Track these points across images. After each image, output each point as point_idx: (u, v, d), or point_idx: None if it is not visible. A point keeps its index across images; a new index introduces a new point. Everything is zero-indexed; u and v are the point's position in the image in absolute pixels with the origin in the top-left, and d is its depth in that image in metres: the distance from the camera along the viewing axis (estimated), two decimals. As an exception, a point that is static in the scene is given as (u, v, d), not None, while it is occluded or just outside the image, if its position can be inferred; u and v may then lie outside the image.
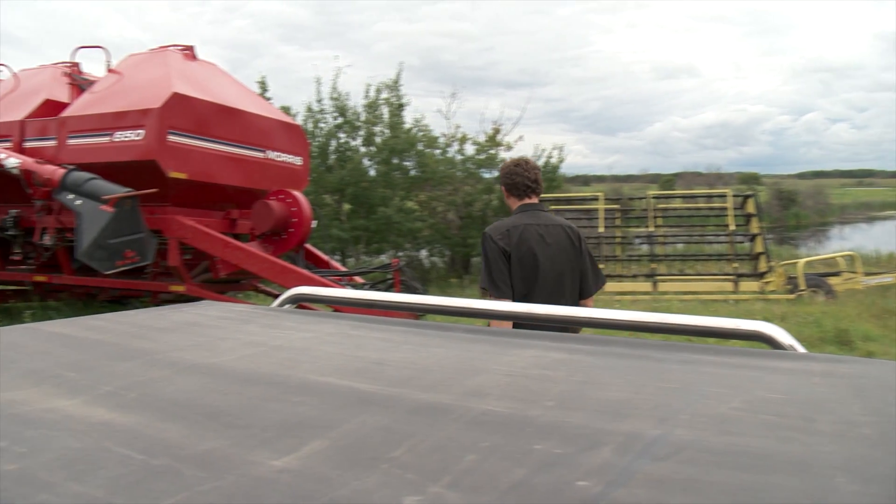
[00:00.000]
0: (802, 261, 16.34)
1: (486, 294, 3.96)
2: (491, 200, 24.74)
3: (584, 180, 66.69)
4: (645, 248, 20.09)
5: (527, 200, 4.22)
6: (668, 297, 15.58)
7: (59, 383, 1.11)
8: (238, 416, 0.94)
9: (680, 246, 21.53)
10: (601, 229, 18.90)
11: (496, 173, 24.65)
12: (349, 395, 1.06)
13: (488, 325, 2.97)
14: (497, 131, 24.96)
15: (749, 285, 16.41)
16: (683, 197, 23.44)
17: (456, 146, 25.20)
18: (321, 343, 1.47)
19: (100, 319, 1.72)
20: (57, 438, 0.85)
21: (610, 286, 17.29)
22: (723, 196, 19.72)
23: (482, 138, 24.99)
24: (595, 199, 20.43)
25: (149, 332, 1.56)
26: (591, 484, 0.72)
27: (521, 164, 4.27)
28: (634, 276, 18.18)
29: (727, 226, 18.14)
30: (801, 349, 1.55)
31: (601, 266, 17.16)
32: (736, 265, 17.15)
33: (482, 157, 24.50)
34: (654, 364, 1.31)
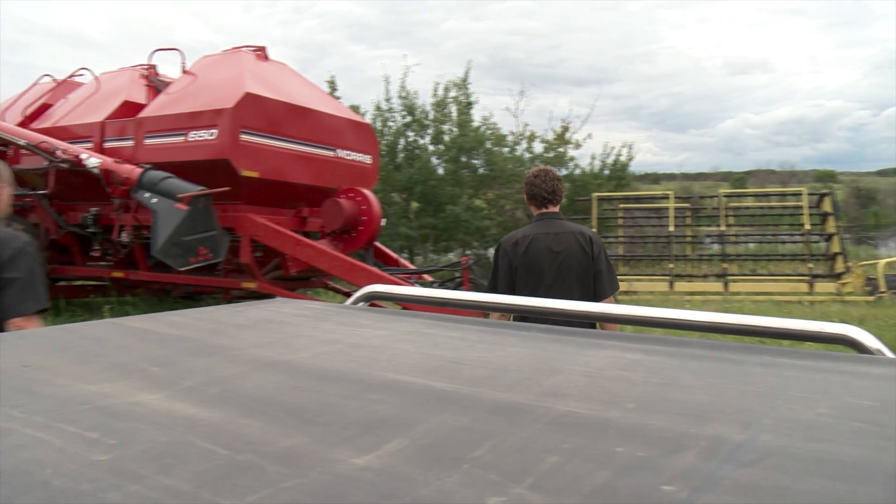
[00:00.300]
0: (883, 261, 15.89)
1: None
2: (559, 199, 24.59)
3: (654, 178, 65.77)
4: (716, 248, 19.79)
5: (544, 210, 4.60)
6: (739, 297, 15.28)
7: (144, 377, 1.13)
8: (318, 413, 0.95)
9: (752, 245, 21.09)
10: (671, 228, 18.62)
11: (565, 171, 24.50)
12: (427, 393, 1.06)
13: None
14: (566, 129, 24.83)
15: (825, 286, 16.00)
16: (756, 195, 22.94)
17: (524, 144, 25.15)
18: (396, 341, 1.47)
19: (179, 315, 1.75)
20: (144, 431, 0.86)
21: (679, 286, 17.06)
22: (797, 194, 19.27)
23: (550, 136, 24.88)
24: (665, 197, 20.12)
25: (226, 329, 1.59)
26: (676, 489, 0.71)
27: (540, 176, 4.63)
28: (705, 276, 17.90)
29: (802, 225, 17.72)
30: (889, 354, 1.50)
31: (670, 265, 16.86)
32: (811, 266, 16.74)
33: (550, 155, 24.38)
34: (734, 367, 1.28)
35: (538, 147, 24.77)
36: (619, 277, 17.61)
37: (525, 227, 4.64)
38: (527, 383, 1.13)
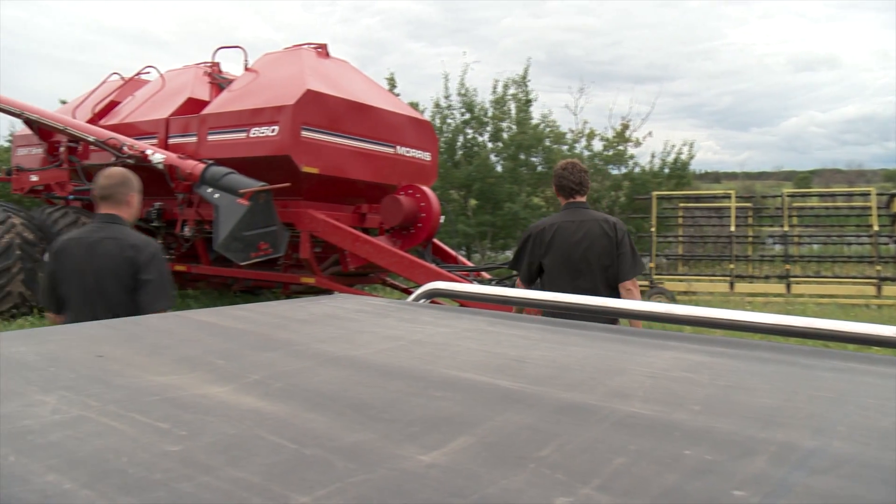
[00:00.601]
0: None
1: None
2: (618, 197, 24.38)
3: (715, 177, 64.71)
4: (778, 249, 19.43)
5: (571, 199, 4.99)
6: (802, 300, 14.98)
7: (210, 370, 1.15)
8: (383, 409, 0.95)
9: (816, 247, 20.68)
10: (732, 228, 18.31)
11: (625, 170, 24.27)
12: (491, 391, 1.05)
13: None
14: (625, 127, 24.60)
15: (894, 290, 15.57)
16: (821, 195, 22.47)
17: (583, 142, 24.99)
18: (459, 339, 1.47)
19: (243, 310, 1.77)
20: (212, 424, 0.88)
21: (740, 287, 16.79)
22: (866, 194, 18.79)
23: (610, 134, 24.68)
24: (726, 196, 19.78)
25: (290, 324, 1.60)
26: (748, 494, 0.70)
27: (568, 168, 5.02)
28: (766, 278, 17.59)
29: (870, 226, 17.27)
30: None
31: (730, 266, 16.56)
32: (879, 268, 16.31)
33: (610, 153, 24.19)
34: (803, 371, 1.26)
35: (597, 145, 24.62)
36: (677, 277, 17.31)
37: (553, 216, 5.03)
38: (591, 383, 1.12)
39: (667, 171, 24.64)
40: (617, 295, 4.79)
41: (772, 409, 1.00)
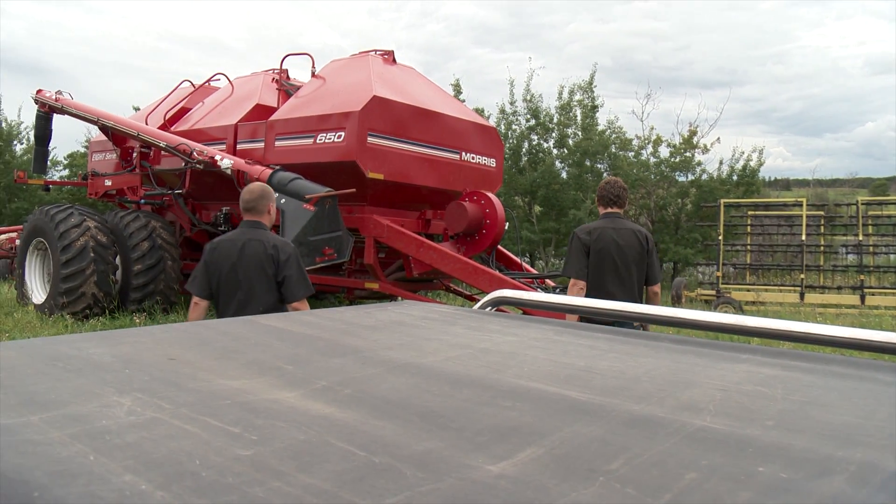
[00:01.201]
0: None
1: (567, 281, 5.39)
2: (685, 204, 24.05)
3: (785, 184, 63.26)
4: (852, 259, 18.89)
5: (609, 210, 5.88)
6: (878, 312, 14.55)
7: (279, 375, 1.17)
8: (451, 418, 0.95)
9: (893, 257, 20.06)
10: (803, 237, 17.85)
11: (692, 177, 23.93)
12: (560, 402, 1.05)
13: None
14: (693, 133, 24.26)
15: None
16: (899, 204, 21.80)
17: (650, 149, 24.72)
18: (527, 348, 1.47)
19: (311, 315, 1.79)
20: (283, 429, 0.89)
21: (811, 298, 16.41)
22: (945, 203, 18.16)
23: (677, 140, 24.36)
24: (797, 204, 19.30)
25: (357, 330, 1.62)
26: None
27: (610, 183, 5.97)
28: (839, 289, 17.14)
29: (950, 235, 16.70)
30: None
31: (801, 276, 16.18)
32: (959, 279, 15.75)
33: (677, 159, 23.88)
34: (883, 388, 1.22)
35: (664, 151, 24.33)
36: (745, 286, 16.99)
37: (596, 222, 5.93)
38: (661, 395, 1.11)
39: (735, 178, 24.23)
40: (641, 295, 5.70)
41: (850, 427, 0.97)
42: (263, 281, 4.81)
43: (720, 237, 18.59)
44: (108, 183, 12.93)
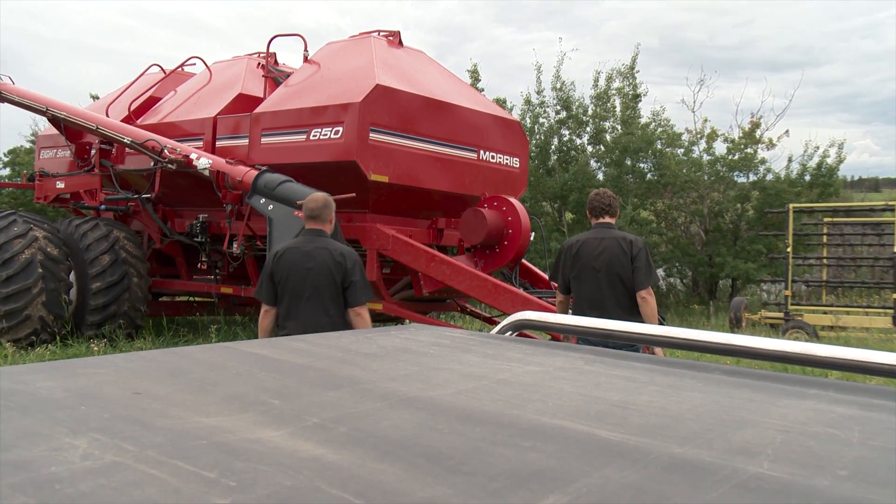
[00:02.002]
0: None
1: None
2: (746, 210, 23.95)
3: (873, 185, 62.44)
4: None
5: (600, 220, 6.75)
6: None
7: (264, 411, 1.18)
8: (462, 460, 0.96)
9: None
10: (895, 248, 17.59)
11: (754, 177, 23.83)
12: (589, 442, 1.05)
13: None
14: (756, 125, 24.21)
15: None
16: None
17: (703, 144, 24.67)
18: (552, 379, 1.48)
19: (302, 341, 1.81)
20: (266, 473, 0.90)
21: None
22: None
23: (736, 134, 24.31)
24: (888, 209, 18.99)
25: (356, 358, 1.63)
26: None
27: (599, 194, 6.88)
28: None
29: None
30: None
31: (894, 296, 15.99)
32: None
33: (735, 157, 23.80)
34: None
35: (720, 147, 24.27)
36: (821, 307, 16.80)
37: (582, 234, 6.94)
38: (709, 436, 1.11)
39: (808, 177, 24.10)
40: (633, 302, 6.42)
41: None
42: (331, 287, 5.81)
43: (789, 249, 18.43)
44: (60, 185, 12.91)
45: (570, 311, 6.70)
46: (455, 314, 13.01)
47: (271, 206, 9.51)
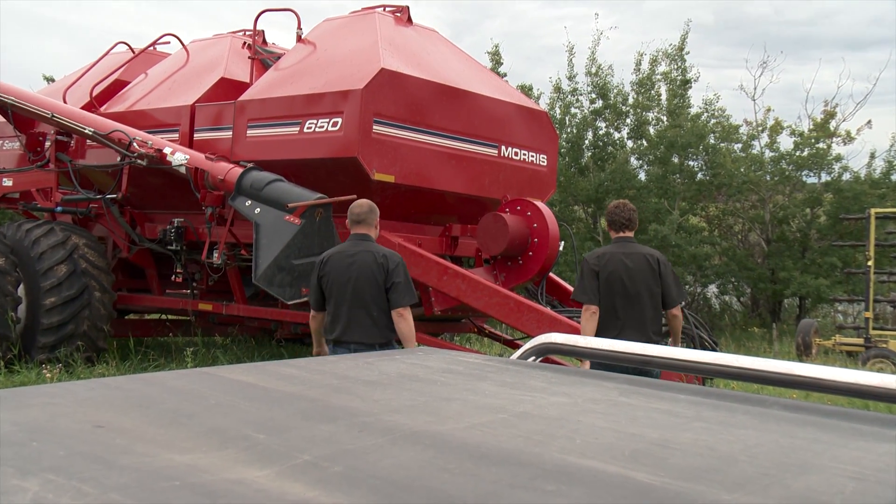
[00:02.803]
0: None
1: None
2: (817, 216, 23.79)
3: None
4: None
5: (621, 234, 7.39)
6: None
7: (247, 447, 1.19)
8: None
9: None
10: None
11: (827, 177, 23.67)
12: (622, 486, 1.06)
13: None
14: (830, 115, 24.08)
15: None
16: None
17: (765, 138, 24.57)
18: (580, 412, 1.48)
19: (292, 366, 1.82)
20: None
21: None
22: None
23: (806, 126, 24.20)
24: None
25: (354, 386, 1.64)
26: None
27: (620, 206, 7.49)
28: None
29: None
30: None
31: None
32: None
33: (804, 153, 23.66)
34: None
35: (786, 142, 24.13)
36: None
37: (606, 247, 7.62)
38: (764, 482, 1.11)
39: (894, 177, 23.94)
40: (659, 319, 7.25)
41: None
42: (374, 289, 6.80)
43: (870, 262, 18.27)
44: (7, 182, 12.80)
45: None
46: (471, 336, 13.01)
47: (258, 209, 9.49)
